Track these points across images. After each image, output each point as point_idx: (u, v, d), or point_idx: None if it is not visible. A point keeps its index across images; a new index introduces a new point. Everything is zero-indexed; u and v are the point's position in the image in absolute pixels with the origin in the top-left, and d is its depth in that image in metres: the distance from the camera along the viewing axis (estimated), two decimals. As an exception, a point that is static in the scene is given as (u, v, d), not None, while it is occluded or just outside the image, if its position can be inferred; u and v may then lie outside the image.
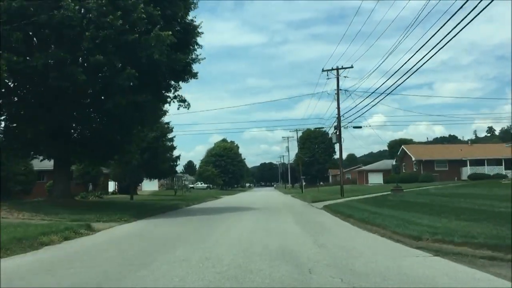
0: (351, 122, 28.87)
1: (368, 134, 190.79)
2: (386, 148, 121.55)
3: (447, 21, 12.39)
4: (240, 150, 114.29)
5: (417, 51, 15.52)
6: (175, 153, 49.31)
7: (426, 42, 14.51)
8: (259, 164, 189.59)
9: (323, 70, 29.87)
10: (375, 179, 68.15)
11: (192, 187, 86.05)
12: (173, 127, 49.48)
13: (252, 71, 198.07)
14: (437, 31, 13.29)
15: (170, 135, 49.69)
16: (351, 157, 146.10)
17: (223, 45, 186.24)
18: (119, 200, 29.22)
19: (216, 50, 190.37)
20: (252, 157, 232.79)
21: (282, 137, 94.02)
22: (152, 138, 30.42)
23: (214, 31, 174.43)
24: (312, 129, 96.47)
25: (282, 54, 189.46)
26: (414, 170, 44.75)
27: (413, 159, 44.07)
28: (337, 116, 29.32)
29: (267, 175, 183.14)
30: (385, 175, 67.91)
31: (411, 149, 46.29)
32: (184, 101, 21.88)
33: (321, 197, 32.75)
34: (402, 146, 49.62)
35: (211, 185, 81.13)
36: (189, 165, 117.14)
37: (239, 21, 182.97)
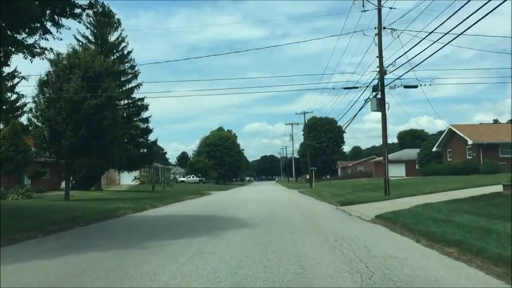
0: (400, 78, 18.08)
1: (369, 128, 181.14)
2: (389, 141, 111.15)
3: None
4: (241, 145, 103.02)
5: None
6: (151, 138, 39.37)
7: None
8: (259, 158, 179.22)
9: (355, -3, 19.10)
10: (396, 171, 57.45)
11: (183, 181, 75.58)
12: (148, 104, 39.19)
13: (253, 64, 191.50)
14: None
15: (144, 115, 39.48)
16: (357, 149, 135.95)
17: (225, 39, 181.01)
18: (35, 203, 18.73)
19: (217, 44, 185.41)
20: (253, 151, 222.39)
21: (285, 124, 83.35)
22: (92, 106, 19.77)
23: (216, 25, 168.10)
24: (320, 117, 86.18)
25: (283, 48, 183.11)
26: (468, 157, 33.77)
27: (470, 142, 32.84)
28: (377, 69, 18.63)
29: (268, 168, 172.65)
30: (408, 167, 57.25)
31: (464, 130, 34.78)
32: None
33: (347, 196, 22.27)
34: (449, 126, 37.66)
35: (204, 179, 70.50)
36: (183, 157, 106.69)
37: (240, 15, 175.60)
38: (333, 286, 4.78)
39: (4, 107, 35.08)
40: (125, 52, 37.61)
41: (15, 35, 11.27)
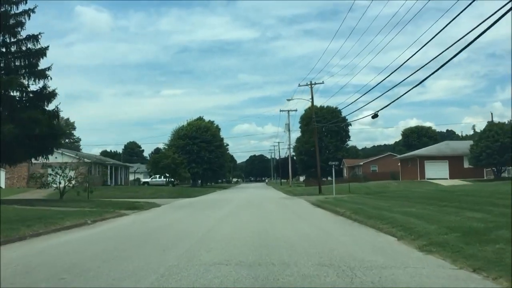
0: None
1: (358, 131, 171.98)
2: (385, 142, 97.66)
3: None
4: (229, 144, 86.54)
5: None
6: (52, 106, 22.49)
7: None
8: (248, 157, 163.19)
9: None
10: (434, 171, 41.57)
11: (147, 183, 58.66)
12: (46, 48, 22.41)
13: (244, 66, 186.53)
14: None
15: (42, 65, 22.74)
16: (353, 149, 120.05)
17: (215, 40, 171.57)
18: None
19: (208, 45, 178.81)
20: (242, 153, 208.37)
21: (280, 111, 67.29)
22: None
23: (206, 26, 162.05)
24: (321, 107, 70.22)
25: (274, 50, 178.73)
26: None
27: None
28: None
29: (258, 168, 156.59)
30: (453, 165, 41.25)
31: None
32: None
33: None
34: None
35: (173, 180, 53.61)
36: (156, 153, 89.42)
37: (231, 16, 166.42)
38: None
39: None
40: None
41: None
